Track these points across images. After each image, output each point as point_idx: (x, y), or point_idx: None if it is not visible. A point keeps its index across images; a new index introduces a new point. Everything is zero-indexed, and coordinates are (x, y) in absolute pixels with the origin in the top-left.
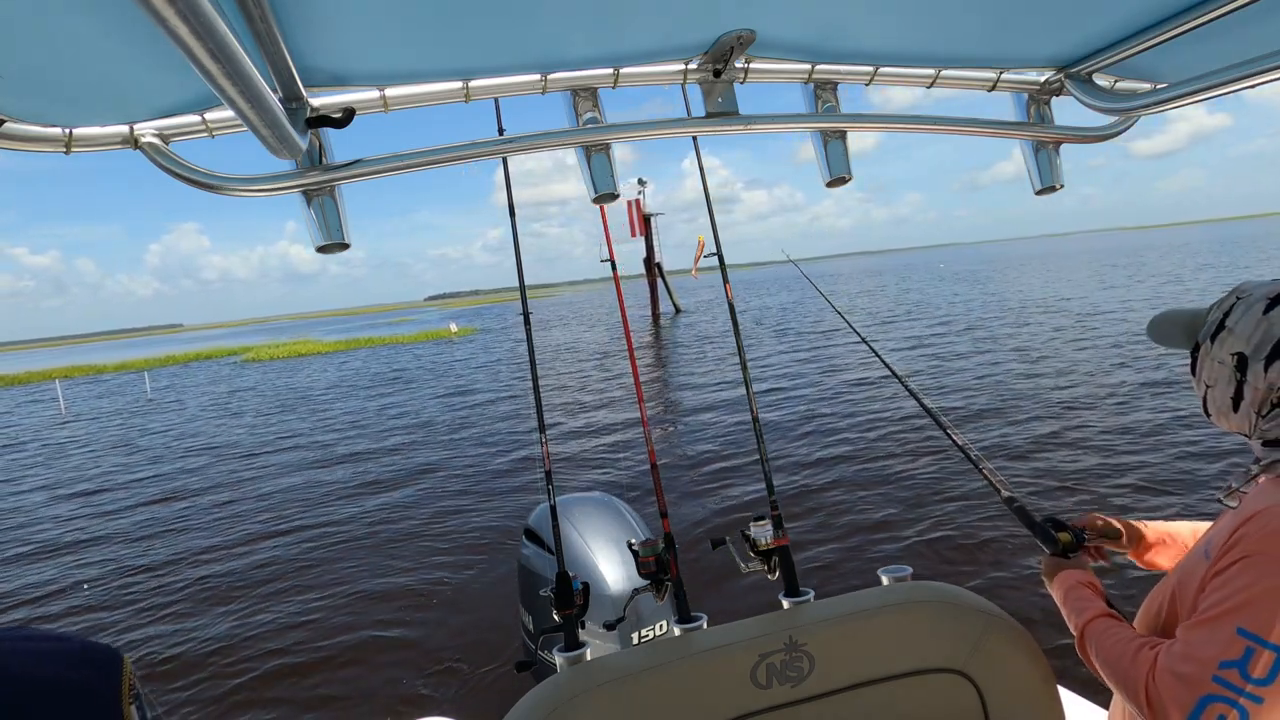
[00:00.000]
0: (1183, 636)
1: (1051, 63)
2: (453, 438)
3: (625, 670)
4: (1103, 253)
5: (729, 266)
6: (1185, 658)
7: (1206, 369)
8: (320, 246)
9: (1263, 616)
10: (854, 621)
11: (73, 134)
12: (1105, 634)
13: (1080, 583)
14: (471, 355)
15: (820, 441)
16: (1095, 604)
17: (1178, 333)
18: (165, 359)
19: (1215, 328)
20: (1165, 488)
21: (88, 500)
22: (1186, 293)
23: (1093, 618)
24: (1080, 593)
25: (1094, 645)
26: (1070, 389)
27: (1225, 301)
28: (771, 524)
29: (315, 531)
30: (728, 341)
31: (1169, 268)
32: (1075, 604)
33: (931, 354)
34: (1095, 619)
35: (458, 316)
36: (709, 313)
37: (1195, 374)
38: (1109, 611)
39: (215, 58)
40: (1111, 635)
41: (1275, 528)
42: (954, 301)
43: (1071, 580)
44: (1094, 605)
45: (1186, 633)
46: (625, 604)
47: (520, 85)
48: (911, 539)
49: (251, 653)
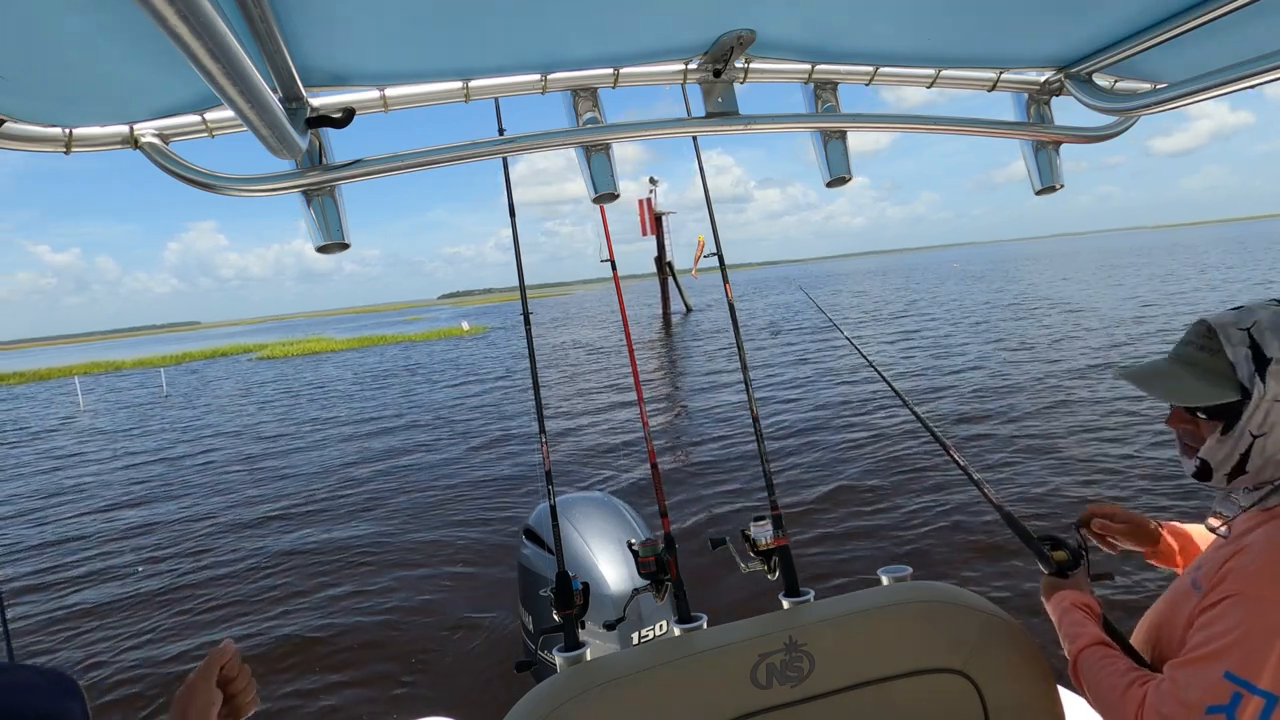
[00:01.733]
0: (1170, 675)
1: (1051, 63)
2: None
3: (625, 670)
4: (1133, 253)
5: (736, 266)
6: (1173, 699)
7: (1259, 415)
8: (320, 246)
9: (1252, 660)
10: (854, 621)
11: (73, 134)
12: (1097, 666)
13: (1075, 605)
14: (478, 352)
15: (821, 441)
16: (1089, 630)
17: (1201, 385)
18: (182, 356)
19: (1254, 363)
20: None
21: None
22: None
23: (1085, 646)
24: (1074, 617)
25: (1086, 676)
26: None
27: (1236, 336)
28: (771, 524)
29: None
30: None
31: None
32: (1069, 629)
33: (938, 349)
34: (1087, 648)
35: (470, 315)
36: (720, 310)
37: (1229, 431)
38: (1102, 639)
39: (215, 58)
40: (1103, 668)
41: (1263, 565)
42: (961, 301)
43: (1066, 603)
44: (1087, 632)
45: (1174, 671)
46: (625, 604)
47: (520, 85)
48: (912, 539)
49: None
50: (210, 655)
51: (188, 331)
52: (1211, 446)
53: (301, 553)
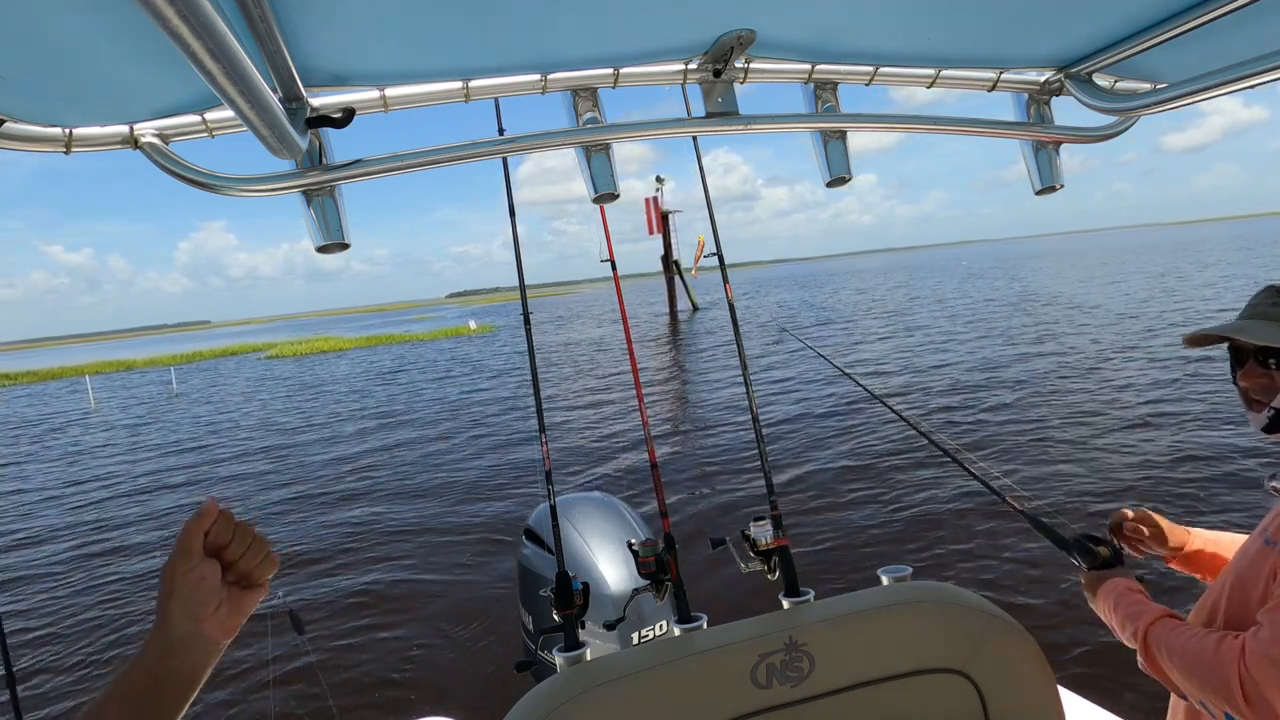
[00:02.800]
0: (1269, 620)
1: (1051, 63)
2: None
3: (625, 670)
4: (1141, 250)
5: (744, 265)
6: (1278, 641)
7: None
8: (320, 246)
9: None
10: (854, 621)
11: (73, 134)
12: (1175, 633)
13: (1130, 589)
14: (485, 350)
15: (822, 441)
16: (1152, 606)
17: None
18: (193, 354)
19: None
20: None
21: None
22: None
23: (1154, 620)
24: (1133, 598)
25: (1163, 647)
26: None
27: None
28: (771, 524)
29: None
30: (747, 339)
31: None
32: (1129, 609)
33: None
34: (1157, 621)
35: (477, 314)
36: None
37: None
38: (1169, 611)
39: (215, 58)
40: (1183, 633)
41: None
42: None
43: (1121, 588)
44: (1151, 608)
45: (1272, 615)
46: (625, 604)
47: (520, 85)
48: (913, 540)
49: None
50: (184, 527)
51: (199, 331)
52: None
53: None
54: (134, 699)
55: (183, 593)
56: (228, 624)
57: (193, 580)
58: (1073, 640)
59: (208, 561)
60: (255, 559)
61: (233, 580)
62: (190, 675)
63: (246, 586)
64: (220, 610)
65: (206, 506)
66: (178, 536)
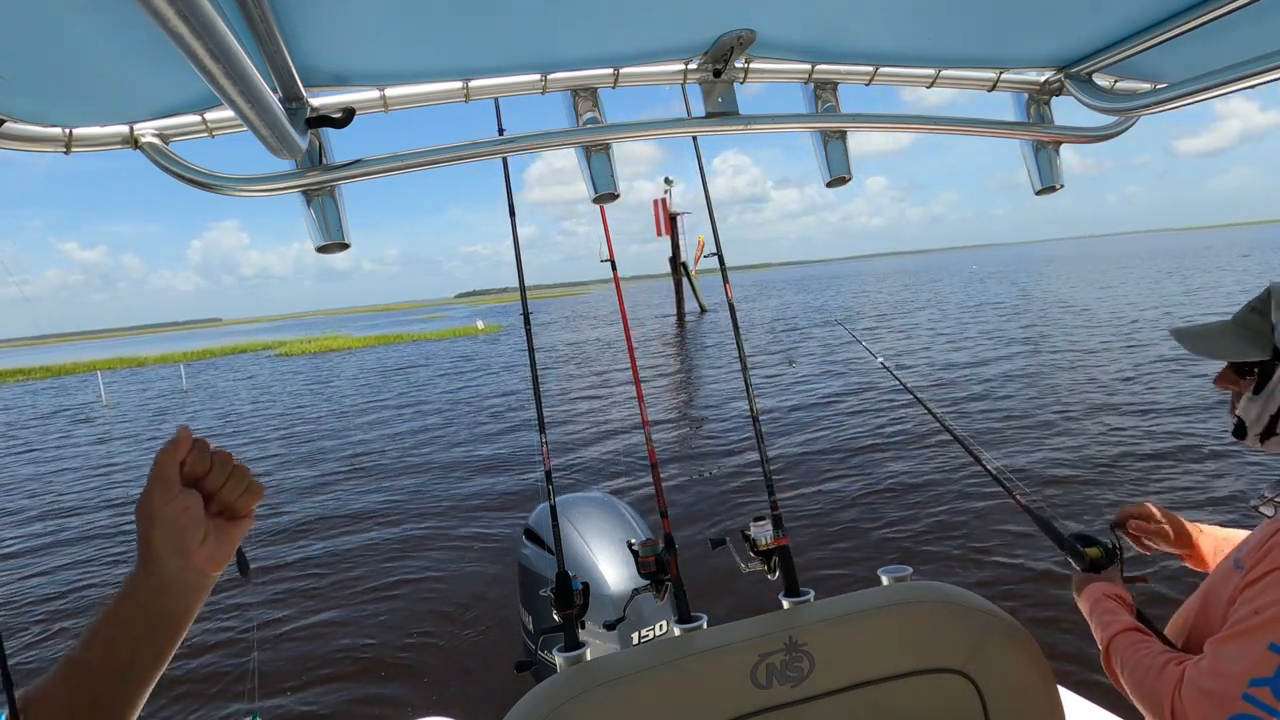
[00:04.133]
0: (1211, 651)
1: (1051, 63)
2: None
3: (625, 670)
4: (1174, 255)
5: (753, 268)
6: (1214, 673)
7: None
8: (320, 247)
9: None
10: (854, 621)
11: (73, 134)
12: (1130, 648)
13: (1107, 595)
14: (487, 350)
15: (823, 443)
16: (1121, 618)
17: (1235, 343)
18: (203, 352)
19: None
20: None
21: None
22: None
23: (1118, 632)
24: (1106, 605)
25: (1118, 659)
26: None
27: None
28: (771, 524)
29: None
30: (747, 342)
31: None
32: (1101, 617)
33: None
34: (1120, 633)
35: (486, 313)
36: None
37: (1260, 391)
38: (1135, 625)
39: (215, 58)
40: (1137, 650)
41: None
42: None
43: (1098, 593)
44: (1120, 619)
45: (1215, 647)
46: (625, 604)
47: (520, 85)
48: (912, 539)
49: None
50: (158, 457)
51: (210, 328)
52: (1244, 405)
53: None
54: (124, 643)
55: (165, 524)
56: (217, 555)
57: (174, 511)
58: (1073, 641)
59: (187, 491)
60: (237, 489)
61: (215, 512)
62: (183, 613)
63: (231, 518)
64: (208, 541)
65: (181, 434)
66: (151, 467)
